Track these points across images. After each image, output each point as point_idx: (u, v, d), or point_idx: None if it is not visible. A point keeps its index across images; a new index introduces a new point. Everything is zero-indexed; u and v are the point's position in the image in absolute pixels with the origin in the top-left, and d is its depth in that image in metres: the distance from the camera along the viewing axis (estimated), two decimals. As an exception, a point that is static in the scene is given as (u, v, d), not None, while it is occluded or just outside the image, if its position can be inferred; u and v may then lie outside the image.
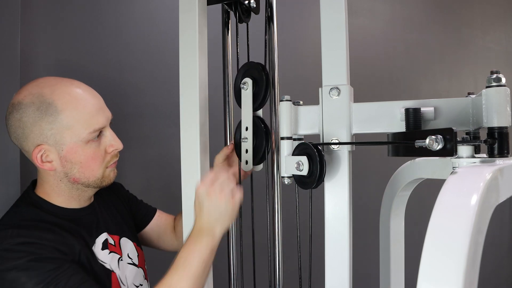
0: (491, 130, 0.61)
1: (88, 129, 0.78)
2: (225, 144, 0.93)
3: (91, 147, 0.79)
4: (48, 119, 0.75)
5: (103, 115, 0.81)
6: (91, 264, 0.80)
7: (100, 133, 0.81)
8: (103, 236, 0.87)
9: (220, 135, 0.94)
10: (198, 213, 0.76)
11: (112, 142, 0.83)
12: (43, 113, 0.75)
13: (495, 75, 0.61)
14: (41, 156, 0.77)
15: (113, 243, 0.89)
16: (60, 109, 0.76)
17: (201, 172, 0.80)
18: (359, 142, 0.74)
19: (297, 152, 0.78)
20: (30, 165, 1.36)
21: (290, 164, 0.78)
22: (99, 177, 0.83)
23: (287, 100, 0.81)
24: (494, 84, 0.61)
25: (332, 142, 0.74)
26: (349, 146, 0.74)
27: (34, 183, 0.86)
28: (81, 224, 0.83)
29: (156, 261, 1.06)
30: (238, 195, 0.76)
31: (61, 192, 0.82)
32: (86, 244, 0.81)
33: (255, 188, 0.93)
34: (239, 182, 0.90)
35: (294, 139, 0.82)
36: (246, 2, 0.90)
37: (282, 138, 0.81)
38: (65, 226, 0.79)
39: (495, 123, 0.61)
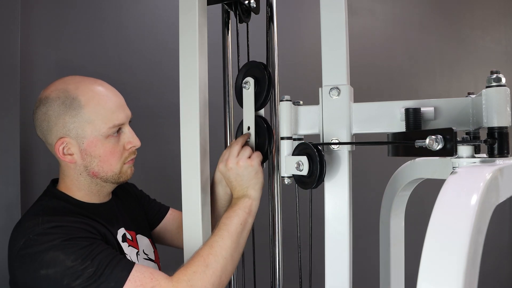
0: (491, 130, 0.61)
1: (108, 124, 0.81)
2: (225, 144, 0.93)
3: (110, 142, 0.83)
4: (71, 113, 0.79)
5: (123, 113, 0.84)
6: (117, 251, 0.83)
7: (119, 130, 0.85)
8: (122, 230, 0.90)
9: (220, 135, 0.94)
10: (230, 187, 0.85)
11: (130, 139, 0.86)
12: (67, 107, 0.79)
13: (495, 75, 0.61)
14: (63, 148, 0.81)
15: (130, 238, 0.92)
16: (83, 104, 0.80)
17: (201, 172, 0.80)
18: (359, 142, 0.74)
19: (297, 152, 0.78)
20: (30, 166, 1.36)
21: (290, 164, 0.78)
22: (116, 172, 0.86)
23: (287, 100, 0.81)
24: (494, 84, 0.61)
25: (332, 142, 0.74)
26: (349, 146, 0.74)
27: (53, 182, 0.90)
28: (101, 218, 0.86)
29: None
30: (255, 158, 0.82)
31: (81, 186, 0.85)
32: (111, 233, 0.84)
33: (255, 188, 0.93)
34: None
35: (294, 139, 0.82)
36: (246, 2, 0.90)
37: (282, 138, 0.81)
38: (89, 216, 0.82)
39: (495, 123, 0.61)
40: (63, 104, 0.80)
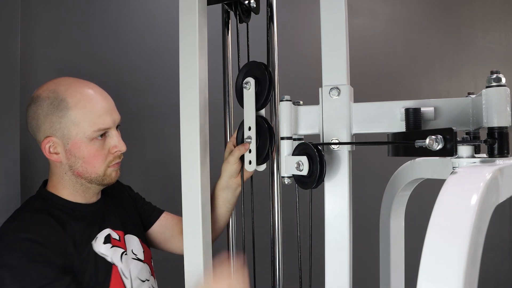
0: (491, 130, 0.61)
1: (93, 127, 0.83)
2: (225, 144, 0.93)
3: (94, 145, 0.85)
4: (58, 113, 0.82)
5: (110, 117, 0.86)
6: (84, 257, 0.83)
7: (105, 133, 0.86)
8: (106, 231, 0.91)
9: (220, 135, 0.94)
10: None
11: (116, 143, 0.88)
12: (55, 108, 0.82)
13: (495, 75, 0.61)
14: (49, 147, 0.84)
15: (117, 238, 0.92)
16: (70, 106, 0.82)
17: (201, 173, 0.80)
18: (359, 142, 0.74)
19: (297, 152, 0.78)
20: (30, 166, 1.36)
21: (290, 164, 0.78)
22: (100, 175, 0.87)
23: (287, 100, 0.81)
24: (494, 84, 0.61)
25: (332, 142, 0.74)
26: (349, 146, 0.74)
27: (45, 183, 0.93)
28: (84, 219, 0.87)
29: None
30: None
31: (66, 185, 0.88)
32: (87, 238, 0.85)
33: (255, 188, 0.93)
34: (242, 183, 0.90)
35: (294, 139, 0.82)
36: (246, 2, 0.90)
37: (282, 138, 0.81)
38: (66, 220, 0.84)
39: (495, 123, 0.61)
40: (52, 104, 0.82)
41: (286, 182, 0.82)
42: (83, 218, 0.87)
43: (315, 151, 0.72)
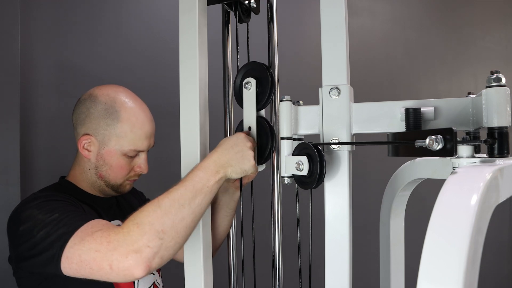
0: (491, 130, 0.61)
1: (131, 146, 0.91)
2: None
3: (124, 160, 0.93)
4: (108, 121, 0.90)
5: (148, 142, 0.95)
6: None
7: (137, 153, 0.94)
8: (117, 222, 0.97)
9: (220, 135, 0.94)
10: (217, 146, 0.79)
11: (141, 164, 0.96)
12: (108, 115, 0.90)
13: (495, 75, 0.61)
14: (85, 143, 0.91)
15: None
16: (121, 120, 0.90)
17: (201, 172, 0.80)
18: (359, 142, 0.74)
19: (297, 152, 0.78)
20: (30, 166, 1.36)
21: (290, 164, 0.78)
22: (118, 184, 0.96)
23: (287, 100, 0.81)
24: (494, 84, 0.61)
25: (332, 142, 0.74)
26: (349, 146, 0.74)
27: (62, 177, 0.99)
28: (99, 206, 0.95)
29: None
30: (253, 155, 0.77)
31: (86, 179, 0.95)
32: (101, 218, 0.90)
33: (255, 188, 0.93)
34: (241, 186, 0.90)
35: (294, 139, 0.82)
36: (246, 2, 0.90)
37: (282, 138, 0.81)
38: (85, 202, 0.92)
39: (495, 123, 0.61)
40: (106, 110, 0.90)
41: (286, 182, 0.81)
42: (99, 206, 0.94)
43: (315, 151, 0.72)
